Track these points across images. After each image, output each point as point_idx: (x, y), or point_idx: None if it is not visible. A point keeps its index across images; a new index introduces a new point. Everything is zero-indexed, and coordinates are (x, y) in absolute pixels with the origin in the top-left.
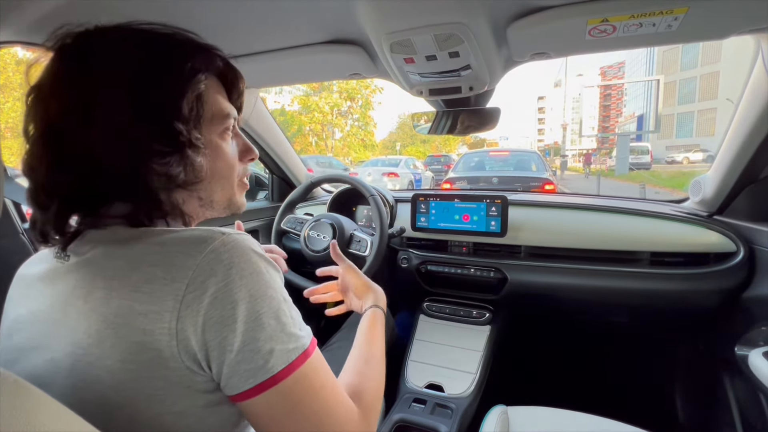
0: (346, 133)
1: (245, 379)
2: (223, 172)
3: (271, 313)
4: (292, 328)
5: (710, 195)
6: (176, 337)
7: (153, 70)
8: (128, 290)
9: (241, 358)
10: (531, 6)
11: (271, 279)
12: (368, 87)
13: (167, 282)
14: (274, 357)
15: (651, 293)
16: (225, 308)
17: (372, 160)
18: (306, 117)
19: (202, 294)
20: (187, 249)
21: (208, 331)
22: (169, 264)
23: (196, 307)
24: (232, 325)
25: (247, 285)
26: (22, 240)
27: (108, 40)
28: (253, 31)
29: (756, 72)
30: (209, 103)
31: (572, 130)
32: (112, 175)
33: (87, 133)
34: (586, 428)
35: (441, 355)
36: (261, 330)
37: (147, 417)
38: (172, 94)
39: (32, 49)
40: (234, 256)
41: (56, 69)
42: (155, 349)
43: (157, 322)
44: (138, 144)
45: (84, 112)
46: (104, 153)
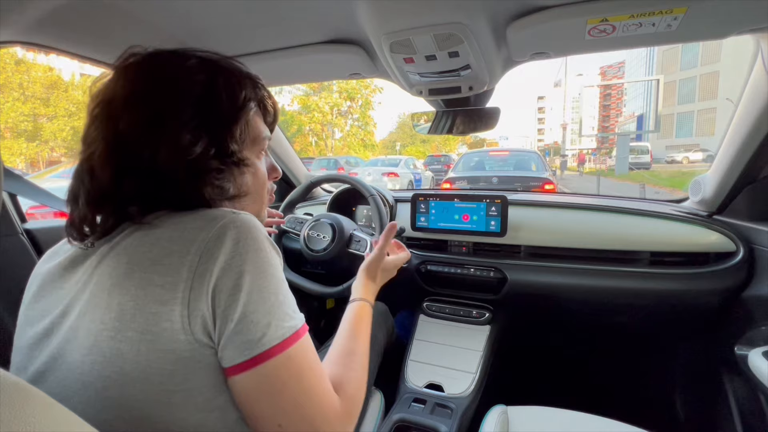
0: (346, 132)
1: (240, 351)
2: (257, 188)
3: (272, 289)
4: (287, 308)
5: (710, 195)
6: (188, 306)
7: (215, 95)
8: (149, 264)
9: (240, 329)
10: (531, 6)
11: (273, 259)
12: (368, 87)
13: (183, 254)
14: (271, 330)
15: (651, 293)
16: (231, 278)
17: (372, 160)
18: (306, 117)
19: (213, 264)
20: (201, 224)
21: (216, 298)
22: (184, 239)
23: (208, 277)
24: (236, 294)
25: (253, 259)
26: (22, 240)
27: (176, 64)
28: (253, 31)
29: (755, 72)
30: (252, 127)
31: (572, 129)
32: (173, 186)
33: (154, 146)
34: (585, 428)
35: (441, 354)
36: (262, 302)
37: (159, 392)
38: (229, 119)
39: (32, 49)
40: (242, 232)
41: (129, 84)
42: (169, 320)
43: (172, 291)
44: (199, 160)
45: (153, 126)
46: (168, 165)
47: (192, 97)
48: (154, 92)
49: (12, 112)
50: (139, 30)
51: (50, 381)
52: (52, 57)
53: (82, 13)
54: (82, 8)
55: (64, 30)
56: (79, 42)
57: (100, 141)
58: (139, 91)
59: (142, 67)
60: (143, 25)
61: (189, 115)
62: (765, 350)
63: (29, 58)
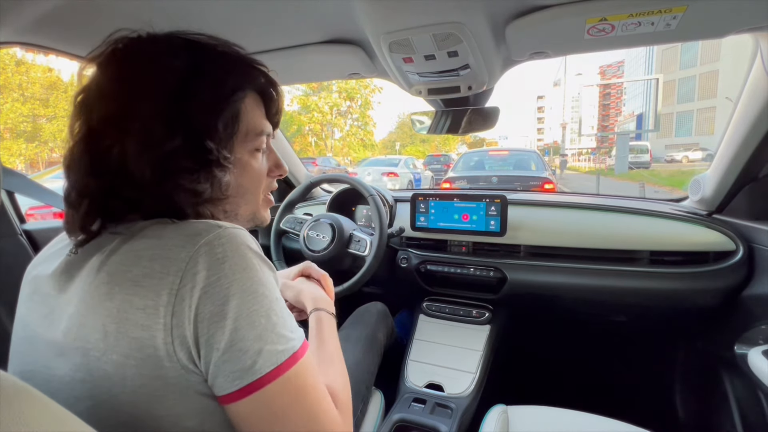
0: (346, 132)
1: (231, 381)
2: (248, 187)
3: (263, 312)
4: (282, 329)
5: (709, 194)
6: (171, 333)
7: (193, 85)
8: (129, 284)
9: (227, 358)
10: (530, 5)
11: (264, 277)
12: (367, 87)
13: (163, 276)
14: (262, 358)
15: (650, 292)
16: (215, 303)
17: (372, 159)
18: (305, 117)
19: (194, 287)
20: (182, 242)
21: (199, 325)
22: (165, 257)
23: (189, 301)
24: (221, 322)
25: (240, 281)
26: (21, 241)
27: (153, 50)
28: (252, 31)
29: (755, 71)
30: (245, 121)
31: (572, 129)
32: (140, 187)
33: (122, 142)
34: (585, 427)
35: (441, 354)
36: (251, 328)
37: (148, 417)
38: (209, 112)
39: (32, 50)
40: (228, 251)
41: (103, 72)
42: (152, 347)
43: (153, 316)
44: (169, 159)
45: (121, 121)
46: (135, 164)
47: (167, 85)
48: (125, 80)
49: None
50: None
51: (43, 392)
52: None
53: (81, 13)
54: (81, 9)
55: (63, 30)
56: (78, 42)
57: (75, 136)
58: (112, 80)
59: (118, 54)
60: (142, 25)
61: (162, 106)
62: (765, 349)
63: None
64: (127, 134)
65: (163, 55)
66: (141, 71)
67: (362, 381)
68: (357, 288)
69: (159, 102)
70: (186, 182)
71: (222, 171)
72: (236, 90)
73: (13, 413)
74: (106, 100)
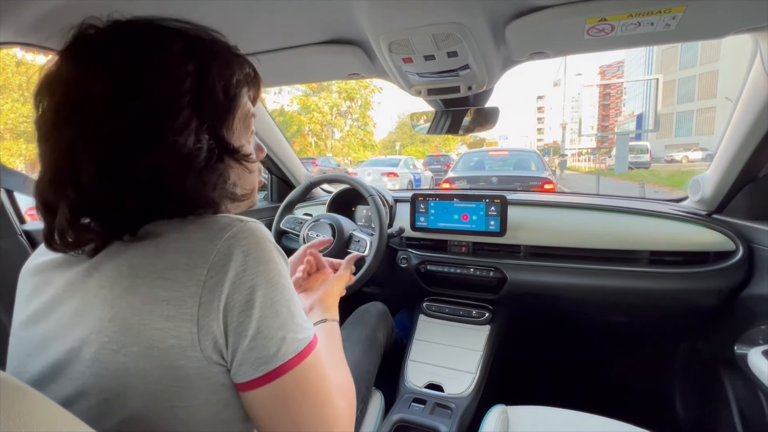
0: (346, 133)
1: (256, 367)
2: (250, 169)
3: (284, 302)
4: (300, 319)
5: (709, 194)
6: (197, 323)
7: (210, 87)
8: (153, 277)
9: (254, 345)
10: (529, 5)
11: (283, 269)
12: (367, 87)
13: (189, 267)
14: (286, 344)
15: (650, 292)
16: (243, 293)
17: (372, 160)
18: (305, 117)
19: (223, 278)
20: (208, 235)
21: (229, 314)
22: (190, 250)
23: (218, 292)
24: (249, 311)
25: (264, 272)
26: (21, 241)
27: (158, 46)
28: (251, 32)
29: (754, 71)
30: (243, 109)
31: (571, 129)
32: (179, 195)
33: (153, 153)
34: (585, 427)
35: (441, 354)
36: (275, 317)
37: (164, 407)
38: (226, 111)
39: (31, 50)
40: (251, 243)
41: (104, 75)
42: (176, 336)
43: (179, 307)
44: (206, 163)
45: (148, 130)
46: (172, 174)
47: (185, 90)
48: (141, 87)
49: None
50: None
51: (48, 389)
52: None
53: (81, 13)
54: (81, 9)
55: (63, 31)
56: None
57: (81, 148)
58: (121, 85)
59: (119, 52)
60: None
61: (187, 112)
62: (765, 349)
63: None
64: (158, 145)
65: (174, 55)
66: (157, 74)
67: (362, 381)
68: (357, 288)
69: (183, 107)
70: (224, 183)
71: (244, 168)
72: (241, 86)
73: (13, 413)
74: (120, 108)
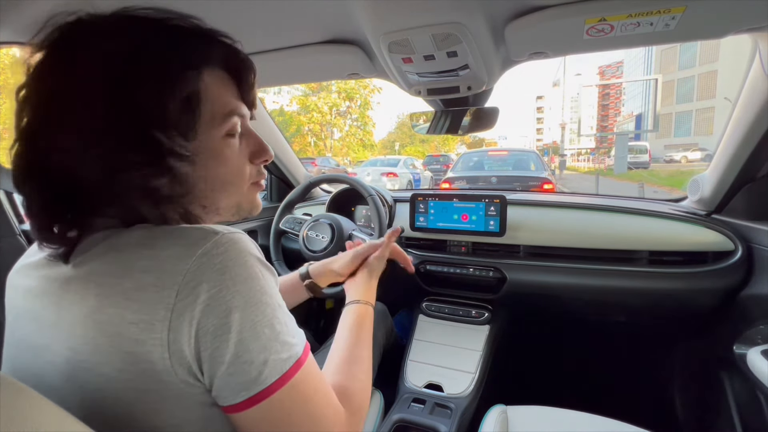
0: (345, 133)
1: (237, 392)
2: (227, 178)
3: (266, 321)
4: (286, 336)
5: (708, 194)
6: (168, 348)
7: (136, 66)
8: (120, 298)
9: (233, 371)
10: (529, 5)
11: (266, 284)
12: (367, 87)
13: (158, 289)
14: (268, 368)
15: (649, 292)
16: (218, 316)
17: (371, 160)
18: (305, 117)
19: (194, 301)
20: (178, 253)
21: (201, 340)
22: (159, 270)
23: (189, 316)
24: (225, 335)
25: (242, 291)
26: (20, 241)
27: (93, 32)
28: (251, 32)
29: (753, 71)
30: (207, 103)
31: (571, 129)
32: (86, 189)
33: (57, 141)
34: (585, 427)
35: (440, 354)
36: (255, 340)
37: (145, 427)
38: (155, 95)
39: None
40: (227, 260)
41: (39, 66)
42: (148, 361)
43: (149, 332)
44: (110, 154)
45: (53, 114)
46: (76, 163)
47: (106, 71)
48: (54, 70)
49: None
50: None
51: None
52: None
53: None
54: (80, 9)
55: None
56: None
57: (21, 138)
58: (39, 71)
59: (56, 41)
60: None
61: (98, 96)
62: (764, 349)
63: None
64: (61, 132)
65: (101, 38)
66: (76, 58)
67: None
68: None
69: (95, 90)
70: (136, 179)
71: (179, 161)
72: (187, 68)
73: (13, 413)
74: (34, 94)
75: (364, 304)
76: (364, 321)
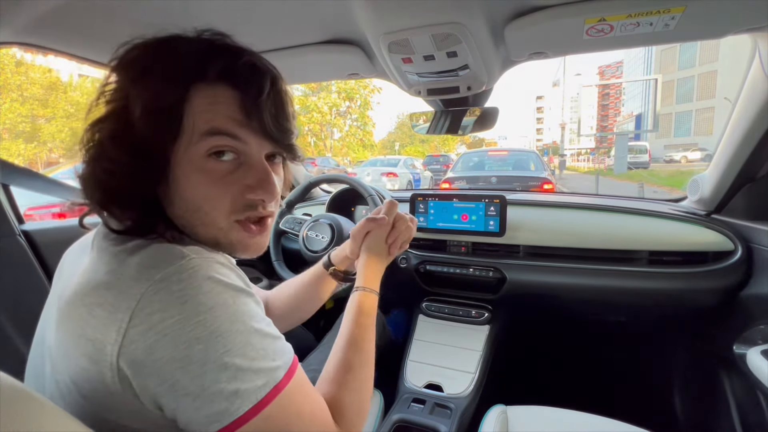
0: (345, 133)
1: (208, 423)
2: (197, 203)
3: (237, 350)
4: (262, 362)
5: (708, 194)
6: (117, 374)
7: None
8: (84, 311)
9: (200, 404)
10: (528, 5)
11: (237, 310)
12: (367, 87)
13: (113, 310)
14: (240, 398)
15: (649, 292)
16: (177, 347)
17: (371, 160)
18: (305, 117)
19: (148, 330)
20: (137, 274)
21: (158, 372)
22: (118, 290)
23: (141, 344)
24: (187, 368)
25: (206, 322)
26: (20, 241)
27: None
28: (250, 32)
29: (753, 71)
30: (188, 119)
31: (571, 129)
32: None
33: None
34: (585, 427)
35: (440, 354)
36: (223, 370)
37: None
38: (140, 108)
39: (31, 50)
40: (188, 287)
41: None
42: (101, 381)
43: (101, 353)
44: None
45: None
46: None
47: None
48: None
49: (10, 113)
50: (136, 30)
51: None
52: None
53: (80, 13)
54: (79, 9)
55: (61, 31)
56: (76, 42)
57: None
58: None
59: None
60: (140, 25)
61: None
62: (763, 349)
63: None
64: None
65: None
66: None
67: None
68: None
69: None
70: (125, 183)
71: (153, 174)
72: (168, 82)
73: (12, 414)
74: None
75: (365, 291)
76: (362, 314)
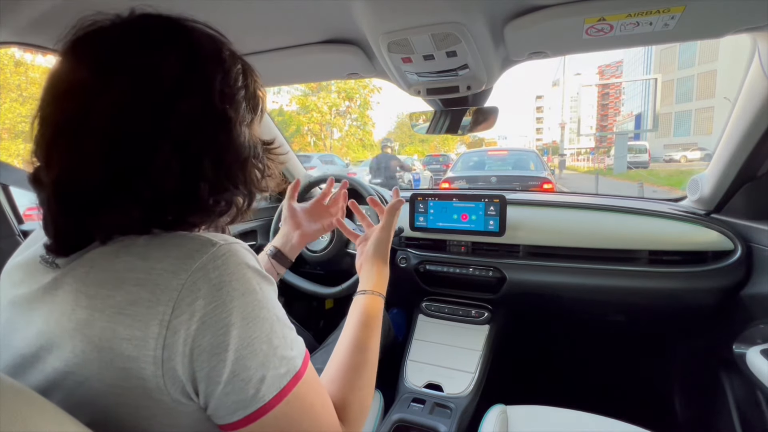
0: (345, 133)
1: (233, 411)
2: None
3: (264, 337)
4: (284, 350)
5: (708, 193)
6: (162, 366)
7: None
8: (112, 312)
9: (230, 390)
10: (528, 5)
11: (264, 297)
12: (366, 87)
13: (152, 304)
14: (266, 385)
15: (649, 292)
16: (215, 334)
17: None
18: (304, 117)
19: (190, 318)
20: (173, 266)
21: (197, 359)
22: (153, 284)
23: (184, 334)
24: (222, 354)
25: (240, 307)
26: (19, 242)
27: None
28: (250, 32)
29: (752, 70)
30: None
31: (570, 129)
32: (161, 196)
33: (156, 149)
34: (584, 427)
35: (440, 354)
36: (253, 357)
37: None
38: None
39: (30, 50)
40: (224, 274)
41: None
42: (140, 378)
43: (141, 349)
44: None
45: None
46: (158, 172)
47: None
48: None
49: (9, 113)
50: None
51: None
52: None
53: (78, 13)
54: (80, 9)
55: (62, 31)
56: None
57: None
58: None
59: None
60: None
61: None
62: (763, 348)
63: (28, 59)
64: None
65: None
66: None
67: None
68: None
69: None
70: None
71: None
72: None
73: (11, 414)
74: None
75: (373, 295)
76: (369, 316)
